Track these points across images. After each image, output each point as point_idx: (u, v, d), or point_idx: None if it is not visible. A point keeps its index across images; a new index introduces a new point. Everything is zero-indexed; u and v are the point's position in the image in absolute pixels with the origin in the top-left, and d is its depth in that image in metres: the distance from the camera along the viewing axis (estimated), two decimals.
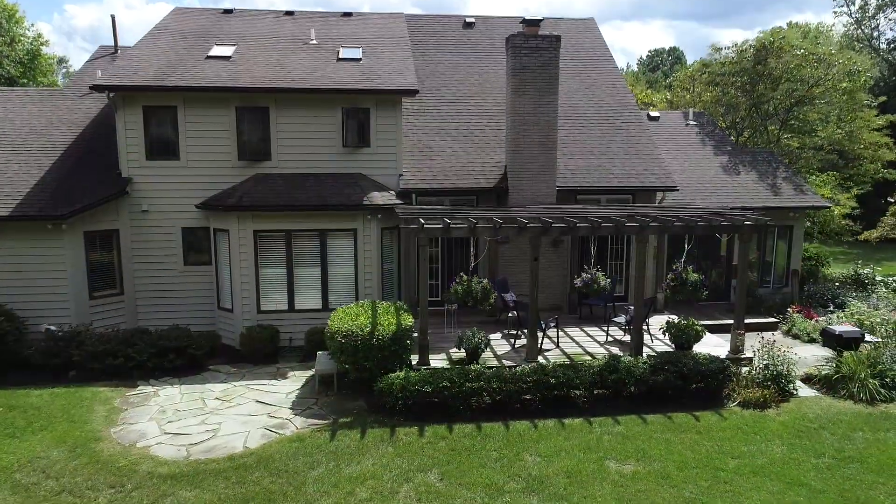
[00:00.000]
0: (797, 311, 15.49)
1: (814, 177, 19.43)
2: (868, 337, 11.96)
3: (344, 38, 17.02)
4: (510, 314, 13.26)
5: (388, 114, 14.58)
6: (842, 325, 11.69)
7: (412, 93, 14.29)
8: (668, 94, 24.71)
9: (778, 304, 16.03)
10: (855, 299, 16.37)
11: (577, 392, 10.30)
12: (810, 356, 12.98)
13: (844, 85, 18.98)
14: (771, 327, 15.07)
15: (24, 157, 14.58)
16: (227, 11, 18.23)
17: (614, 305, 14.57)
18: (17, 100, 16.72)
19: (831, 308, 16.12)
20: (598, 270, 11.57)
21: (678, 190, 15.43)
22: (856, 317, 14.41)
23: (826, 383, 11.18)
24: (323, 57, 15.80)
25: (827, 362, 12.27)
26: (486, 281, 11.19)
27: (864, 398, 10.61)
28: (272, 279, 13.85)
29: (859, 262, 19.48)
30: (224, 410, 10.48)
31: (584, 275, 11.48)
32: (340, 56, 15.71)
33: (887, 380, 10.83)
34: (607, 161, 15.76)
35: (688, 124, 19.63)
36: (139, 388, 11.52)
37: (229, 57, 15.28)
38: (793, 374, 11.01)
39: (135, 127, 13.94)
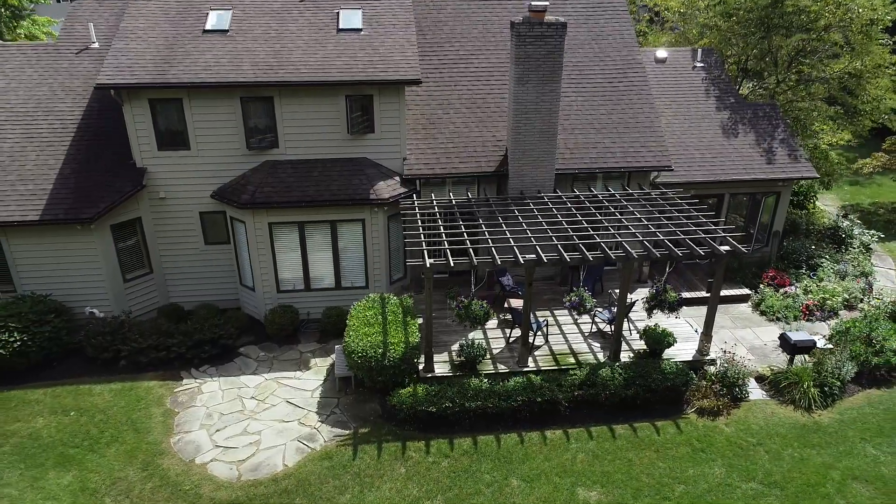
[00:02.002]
0: (771, 278, 16.87)
1: (816, 125, 19.50)
2: (820, 343, 13.51)
3: None
4: (506, 305, 14.64)
5: (392, 99, 14.69)
6: (798, 334, 13.15)
7: (415, 82, 14.28)
8: (684, 4, 23.39)
9: (754, 269, 17.32)
10: (828, 260, 17.62)
11: (559, 397, 12.17)
12: (770, 342, 14.66)
13: (860, 26, 18.30)
14: (742, 300, 16.56)
15: (38, 143, 14.97)
16: None
17: (602, 281, 15.94)
18: (14, 61, 16.46)
19: (804, 270, 17.44)
20: (585, 290, 12.81)
21: (672, 169, 15.96)
22: (819, 295, 15.85)
23: (774, 385, 12.99)
24: (322, 24, 15.38)
25: (781, 352, 14.00)
26: (486, 304, 12.50)
27: (803, 405, 12.49)
28: (289, 263, 15.05)
29: (844, 212, 20.34)
30: (261, 414, 12.43)
31: (573, 297, 12.74)
32: (340, 26, 15.28)
33: (826, 388, 12.62)
34: (606, 137, 16.06)
35: (695, 67, 19.28)
36: (184, 382, 13.38)
37: (227, 31, 14.93)
38: (746, 379, 12.77)
39: (143, 119, 14.20)
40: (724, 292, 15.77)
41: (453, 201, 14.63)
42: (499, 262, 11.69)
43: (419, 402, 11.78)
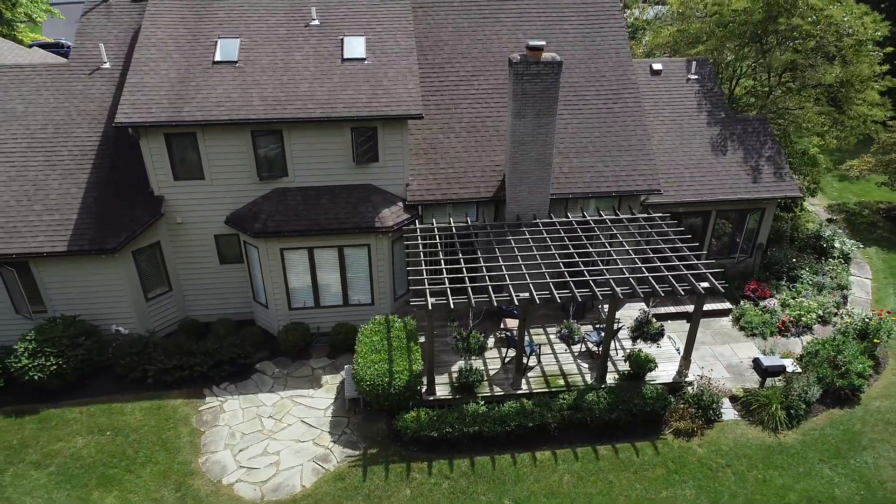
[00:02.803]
0: (752, 290, 17.93)
1: (806, 132, 20.16)
2: (789, 367, 14.69)
3: (345, 15, 16.74)
4: (502, 325, 15.74)
5: (395, 131, 15.41)
6: (769, 359, 14.32)
7: (417, 117, 14.98)
8: (683, 4, 23.58)
9: (738, 281, 18.35)
10: (808, 272, 18.62)
11: (549, 420, 13.45)
12: (746, 360, 15.82)
13: (851, 45, 18.75)
14: (724, 314, 17.65)
15: (60, 171, 15.78)
16: None
17: (594, 301, 16.99)
18: (31, 83, 17.03)
19: (784, 281, 18.49)
20: (575, 322, 13.90)
21: (661, 192, 16.79)
22: (796, 311, 16.95)
23: (746, 406, 14.23)
24: (327, 53, 15.95)
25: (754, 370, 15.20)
26: (481, 337, 13.62)
27: (771, 426, 13.76)
28: (299, 283, 16.10)
29: (829, 216, 21.14)
30: (278, 433, 13.73)
31: (563, 329, 13.84)
32: (345, 55, 15.86)
33: (793, 410, 13.86)
34: (600, 161, 16.82)
35: (689, 79, 19.80)
36: (207, 400, 14.63)
37: (235, 62, 15.52)
38: (720, 402, 14.00)
39: (159, 152, 14.98)
40: (706, 306, 16.84)
41: (453, 228, 15.56)
42: (495, 304, 12.74)
43: (422, 427, 13.05)
